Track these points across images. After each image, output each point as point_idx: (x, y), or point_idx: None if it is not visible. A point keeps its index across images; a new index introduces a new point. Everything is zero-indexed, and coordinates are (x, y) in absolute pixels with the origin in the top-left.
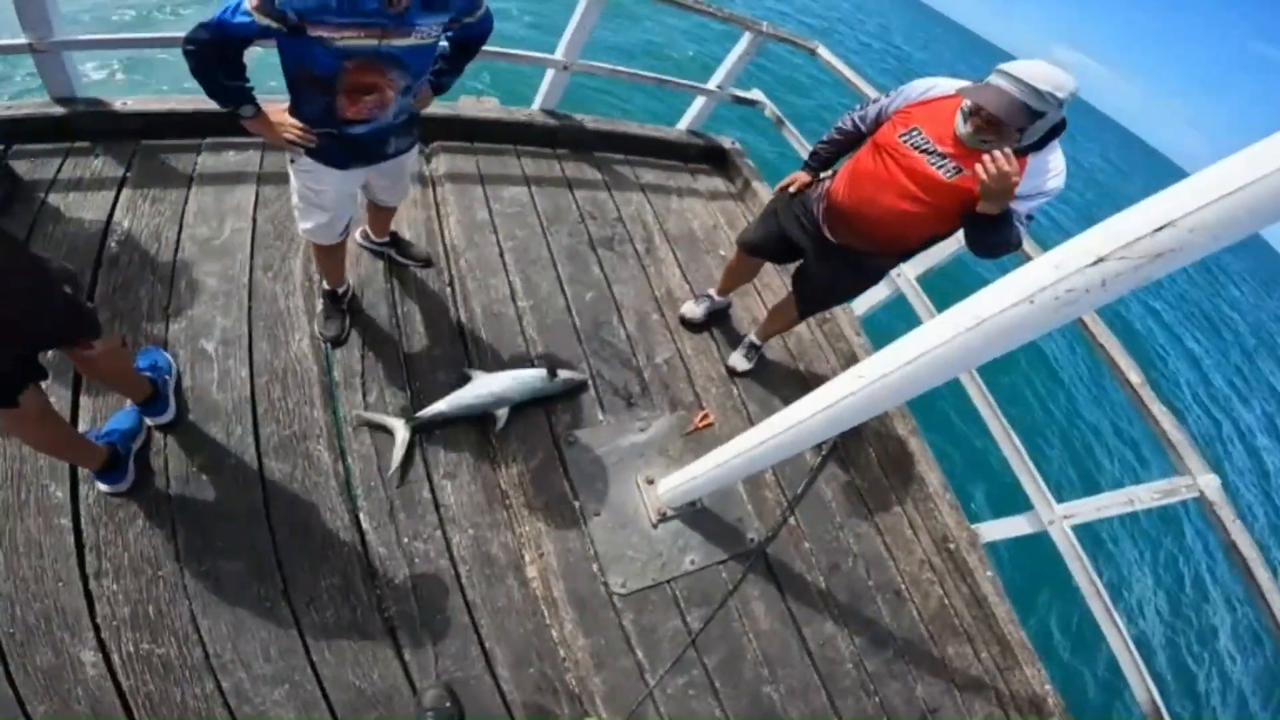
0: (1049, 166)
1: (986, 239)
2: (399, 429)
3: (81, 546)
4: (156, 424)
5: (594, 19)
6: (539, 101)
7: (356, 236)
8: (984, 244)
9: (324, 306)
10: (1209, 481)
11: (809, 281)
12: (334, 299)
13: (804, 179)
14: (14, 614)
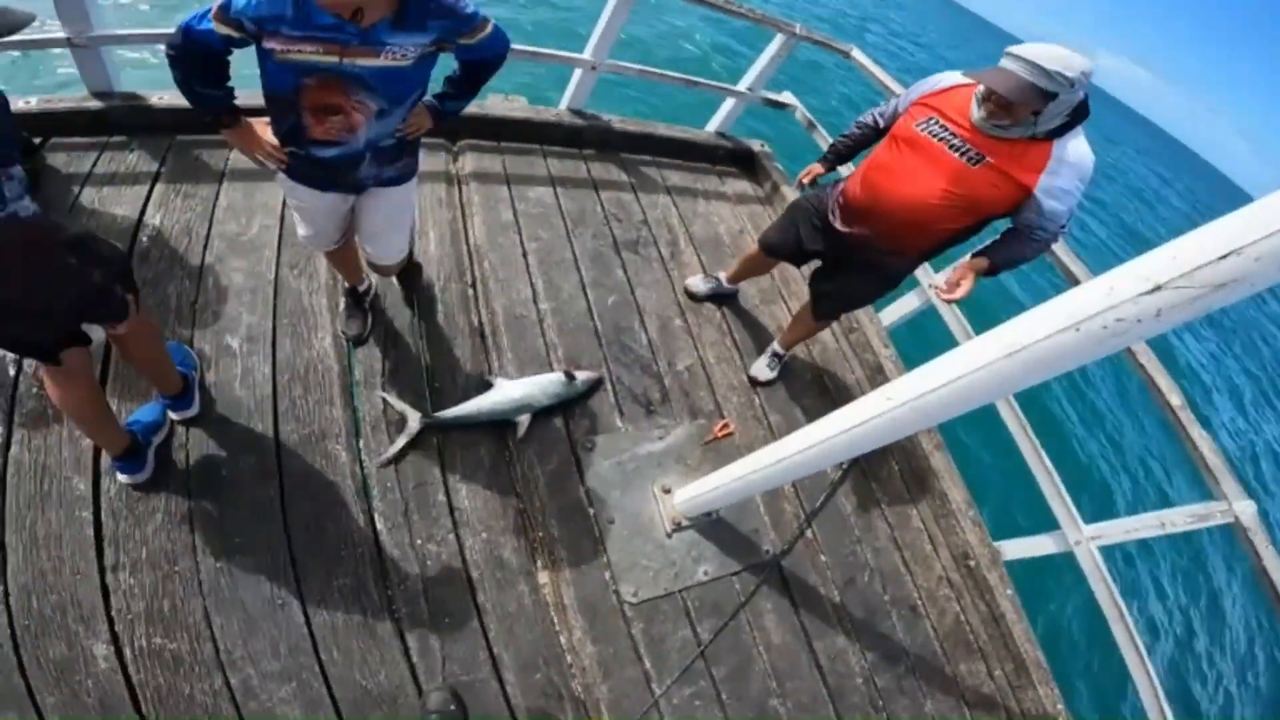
0: (1071, 155)
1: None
2: (412, 421)
3: (101, 539)
4: (181, 419)
5: (623, 18)
6: (566, 101)
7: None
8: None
9: (346, 305)
10: (1245, 508)
11: (825, 283)
12: (356, 297)
13: (818, 169)
14: (30, 605)
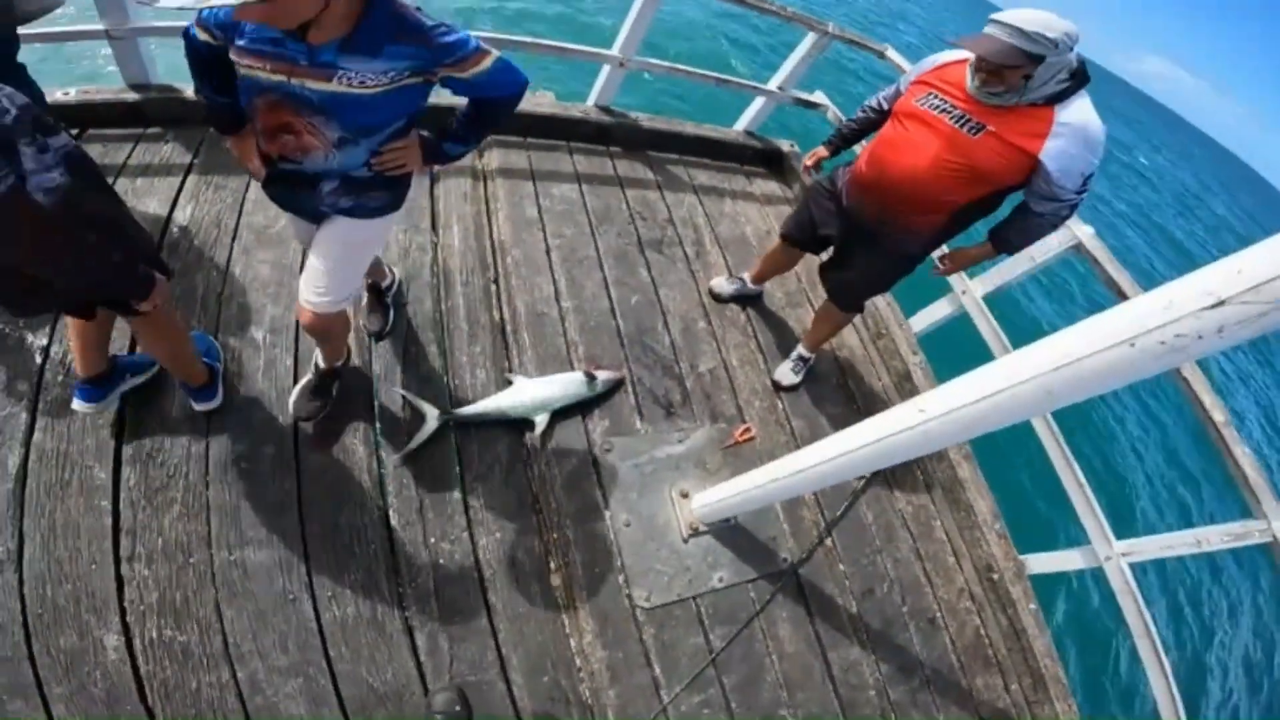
0: (1073, 118)
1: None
2: (431, 417)
3: (118, 530)
4: (204, 410)
5: (651, 14)
6: (594, 98)
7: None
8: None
9: (368, 299)
10: None
11: (839, 270)
12: (377, 292)
13: (823, 152)
14: (44, 594)
